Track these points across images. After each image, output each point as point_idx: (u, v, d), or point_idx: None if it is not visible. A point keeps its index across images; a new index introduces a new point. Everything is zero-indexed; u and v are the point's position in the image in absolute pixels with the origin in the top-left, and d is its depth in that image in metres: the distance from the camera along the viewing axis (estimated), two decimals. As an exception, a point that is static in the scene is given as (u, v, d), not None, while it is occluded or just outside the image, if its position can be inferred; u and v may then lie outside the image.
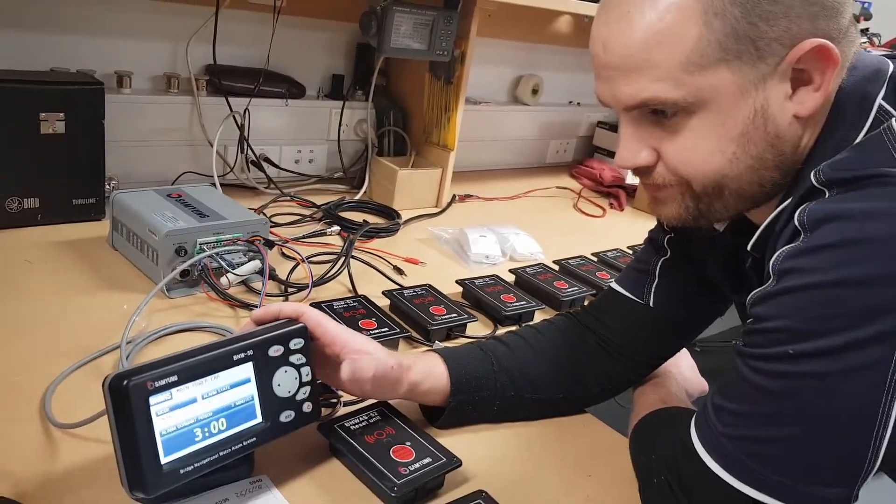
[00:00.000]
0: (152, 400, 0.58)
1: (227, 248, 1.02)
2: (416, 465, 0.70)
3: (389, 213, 1.46)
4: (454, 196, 1.65)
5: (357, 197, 1.53)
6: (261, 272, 1.02)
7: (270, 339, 0.67)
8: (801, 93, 0.60)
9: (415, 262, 1.26)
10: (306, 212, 1.40)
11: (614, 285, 0.87)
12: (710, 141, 0.61)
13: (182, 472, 0.59)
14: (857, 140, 0.59)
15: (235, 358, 0.63)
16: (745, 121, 0.60)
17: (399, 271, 1.21)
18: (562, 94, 2.15)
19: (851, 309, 0.52)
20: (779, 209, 0.62)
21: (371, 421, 0.76)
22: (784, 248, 0.57)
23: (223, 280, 1.00)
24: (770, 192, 0.64)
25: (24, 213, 1.11)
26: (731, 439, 0.59)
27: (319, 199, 1.46)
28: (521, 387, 0.82)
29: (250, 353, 0.65)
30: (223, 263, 1.00)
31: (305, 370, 0.69)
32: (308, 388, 0.69)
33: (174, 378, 0.59)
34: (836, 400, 0.53)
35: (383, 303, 1.05)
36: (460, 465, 0.71)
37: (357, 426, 0.75)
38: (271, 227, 1.18)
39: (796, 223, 0.57)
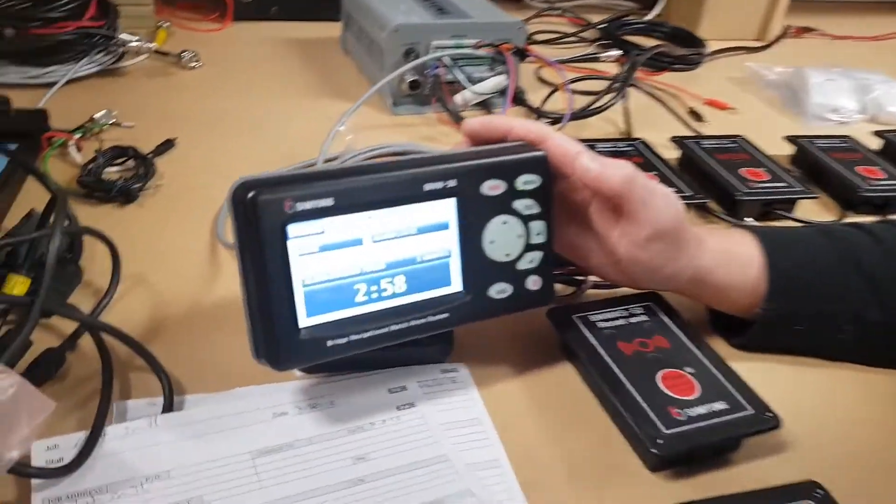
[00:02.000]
0: (292, 230, 0.37)
1: (467, 53, 0.77)
2: (701, 410, 0.42)
3: (689, 40, 1.09)
4: (787, 27, 1.19)
5: (648, 17, 1.17)
6: (505, 91, 0.76)
7: (487, 169, 0.42)
8: None
9: (721, 105, 0.91)
10: (575, 30, 1.10)
11: None
12: None
13: (329, 344, 0.38)
14: None
15: (428, 188, 0.40)
16: None
17: (696, 116, 0.87)
18: None
19: None
20: None
21: (632, 319, 0.50)
22: None
23: (458, 98, 0.77)
24: None
25: (258, 4, 0.98)
26: None
27: (597, 17, 1.13)
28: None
29: (453, 183, 0.40)
30: (460, 76, 0.77)
31: (538, 226, 0.44)
32: (539, 255, 0.44)
33: (329, 202, 0.37)
34: None
35: (670, 154, 0.74)
36: (777, 425, 0.42)
37: (609, 323, 0.49)
38: (528, 44, 0.90)
39: None
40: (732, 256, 0.48)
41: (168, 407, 0.40)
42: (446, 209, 0.41)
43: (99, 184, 0.57)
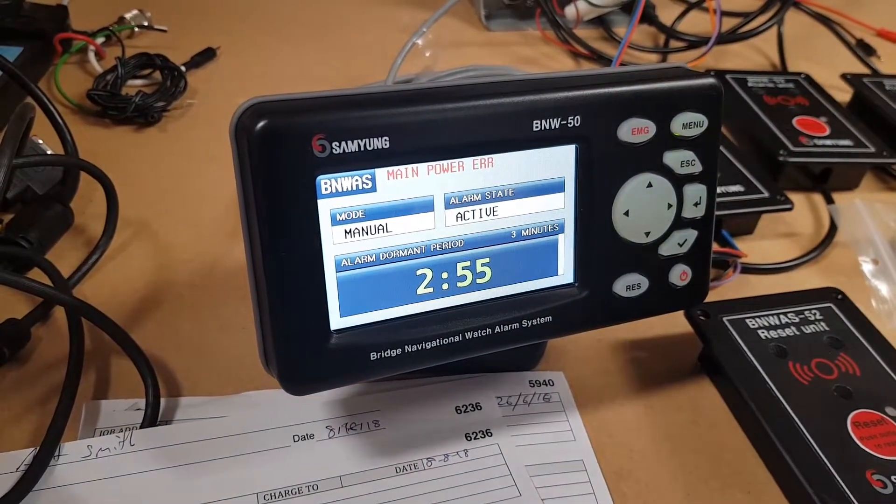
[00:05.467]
0: (325, 183, 0.24)
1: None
2: None
3: (861, -45, 0.87)
4: None
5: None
6: (630, 4, 0.60)
7: (629, 101, 0.27)
8: None
9: (897, 38, 0.72)
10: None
11: None
12: None
13: (374, 357, 0.26)
14: None
15: (538, 127, 0.26)
16: None
17: (866, 49, 0.68)
18: None
19: None
20: None
21: (806, 328, 0.35)
22: None
23: (569, 11, 0.61)
24: None
25: None
26: None
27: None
28: None
29: (576, 122, 0.26)
30: (574, -17, 0.60)
31: (696, 192, 0.29)
32: (693, 235, 0.29)
33: (384, 142, 0.24)
34: None
35: (840, 95, 0.57)
36: None
37: (775, 333, 0.34)
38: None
39: None
40: None
41: (151, 419, 0.29)
42: (562, 161, 0.27)
43: (112, 99, 0.46)
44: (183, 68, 0.50)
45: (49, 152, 0.39)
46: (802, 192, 0.48)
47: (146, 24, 0.56)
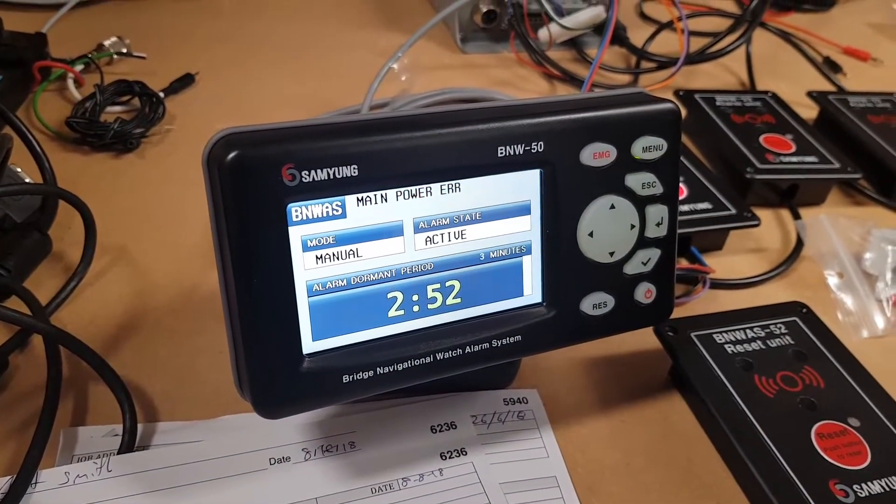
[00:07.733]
0: (296, 211, 0.25)
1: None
2: (875, 488, 0.30)
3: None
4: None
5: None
6: (601, 26, 0.61)
7: (590, 127, 0.28)
8: None
9: (862, 55, 0.74)
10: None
11: None
12: None
13: (346, 380, 0.26)
14: None
15: (503, 153, 0.27)
16: None
17: (833, 66, 0.70)
18: None
19: None
20: None
21: (772, 342, 0.36)
22: None
23: (542, 34, 0.63)
24: None
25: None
26: None
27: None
28: None
29: (539, 147, 0.27)
30: (548, 6, 0.62)
31: (658, 212, 0.30)
32: (656, 254, 0.30)
33: (352, 170, 0.24)
34: None
35: (806, 113, 0.58)
36: None
37: (741, 347, 0.35)
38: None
39: None
40: None
41: (128, 445, 0.29)
42: (528, 184, 0.28)
43: (91, 126, 0.46)
44: (161, 94, 0.51)
45: (27, 180, 0.39)
46: (770, 208, 0.50)
47: (125, 51, 0.56)
